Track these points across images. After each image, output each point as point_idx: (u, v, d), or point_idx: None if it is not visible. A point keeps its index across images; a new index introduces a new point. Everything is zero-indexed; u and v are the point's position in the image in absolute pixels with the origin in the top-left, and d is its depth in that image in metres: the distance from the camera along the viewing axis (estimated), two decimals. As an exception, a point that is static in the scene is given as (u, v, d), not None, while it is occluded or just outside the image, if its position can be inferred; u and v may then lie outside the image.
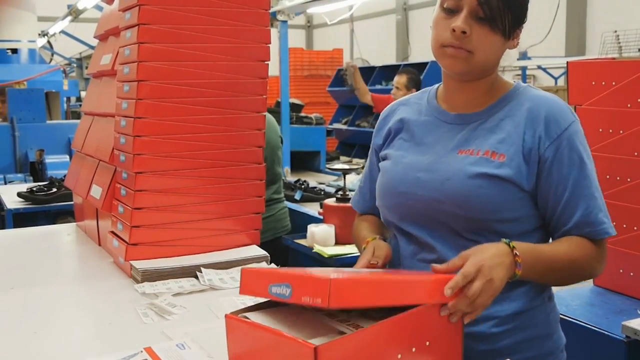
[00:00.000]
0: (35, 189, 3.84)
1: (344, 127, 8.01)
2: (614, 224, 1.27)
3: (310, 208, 3.99)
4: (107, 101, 2.06)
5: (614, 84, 2.11)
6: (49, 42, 9.65)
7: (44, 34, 9.20)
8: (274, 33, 5.43)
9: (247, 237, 1.98)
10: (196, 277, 1.77)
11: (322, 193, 4.43)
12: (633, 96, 2.05)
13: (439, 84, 1.40)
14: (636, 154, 2.05)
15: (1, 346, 1.36)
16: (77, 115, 7.88)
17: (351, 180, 4.02)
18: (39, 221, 3.78)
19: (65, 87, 8.40)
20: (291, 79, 6.67)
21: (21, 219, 3.66)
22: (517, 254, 1.14)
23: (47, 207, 3.80)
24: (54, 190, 3.84)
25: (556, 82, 10.44)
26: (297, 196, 4.29)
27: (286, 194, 3.54)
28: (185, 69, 1.85)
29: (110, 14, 2.19)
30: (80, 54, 11.85)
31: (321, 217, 3.30)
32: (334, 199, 3.17)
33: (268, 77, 2.00)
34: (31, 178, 5.28)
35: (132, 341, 1.35)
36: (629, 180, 2.07)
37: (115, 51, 2.05)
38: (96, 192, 2.06)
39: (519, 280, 1.17)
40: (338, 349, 0.93)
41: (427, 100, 1.39)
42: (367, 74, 7.82)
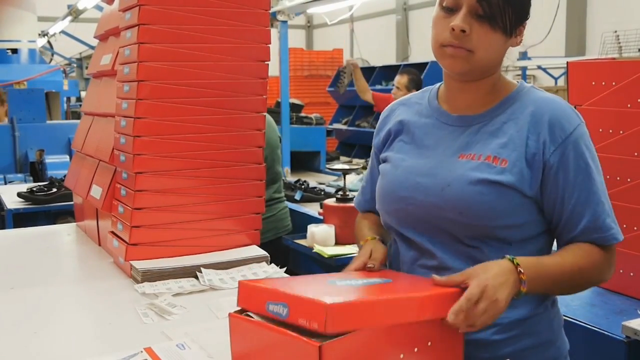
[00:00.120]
0: (35, 189, 3.84)
1: (344, 127, 8.00)
2: None
3: (310, 208, 3.99)
4: (107, 101, 2.06)
5: (614, 84, 2.11)
6: (49, 42, 9.65)
7: (44, 34, 9.20)
8: (274, 33, 5.42)
9: (247, 237, 1.98)
10: (196, 277, 1.77)
11: (322, 193, 4.43)
12: (633, 96, 2.05)
13: (440, 83, 1.37)
14: (636, 154, 2.04)
15: (1, 346, 1.36)
16: (77, 116, 7.89)
17: (351, 180, 4.02)
18: (39, 221, 3.78)
19: (66, 87, 8.41)
20: (291, 79, 6.66)
21: (21, 219, 3.66)
22: (522, 272, 1.11)
23: (47, 207, 3.80)
24: (54, 190, 3.84)
25: (556, 82, 10.44)
26: (297, 196, 4.29)
27: (286, 194, 3.54)
28: (185, 69, 1.85)
29: (111, 14, 2.19)
30: (81, 54, 11.85)
31: (321, 217, 3.30)
32: (334, 199, 3.17)
33: (268, 77, 2.00)
34: (31, 178, 5.28)
35: (132, 341, 1.35)
36: (629, 180, 2.07)
37: (115, 51, 2.05)
38: (96, 192, 2.06)
39: None
40: (342, 348, 0.93)
41: (428, 101, 1.36)
42: (367, 74, 7.80)
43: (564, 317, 1.35)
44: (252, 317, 1.06)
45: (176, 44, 1.84)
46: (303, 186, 4.51)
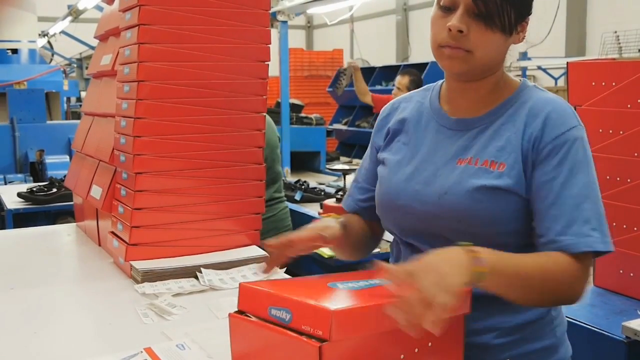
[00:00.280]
0: (35, 189, 3.84)
1: (344, 127, 8.00)
2: (614, 225, 1.25)
3: (311, 208, 3.99)
4: (107, 101, 2.06)
5: (614, 84, 2.10)
6: (49, 42, 9.65)
7: (44, 34, 9.20)
8: (274, 33, 5.41)
9: (247, 237, 1.98)
10: (196, 278, 1.77)
11: (322, 193, 4.43)
12: (633, 97, 2.05)
13: (442, 80, 1.34)
14: (636, 154, 2.04)
15: (1, 346, 1.36)
16: (77, 116, 7.90)
17: (351, 180, 4.01)
18: (39, 221, 3.79)
19: (66, 88, 8.41)
20: (291, 79, 6.66)
21: (21, 219, 3.66)
22: (475, 250, 1.02)
23: (47, 207, 3.80)
24: (54, 190, 3.84)
25: (556, 83, 10.43)
26: (297, 197, 4.29)
27: (286, 195, 3.54)
28: (185, 69, 1.85)
29: (111, 14, 2.19)
30: (81, 54, 11.85)
31: (321, 217, 3.30)
32: (334, 199, 3.18)
33: (268, 78, 2.00)
34: (31, 178, 5.28)
35: (132, 341, 1.35)
36: (629, 180, 2.07)
37: (115, 51, 2.05)
38: (96, 192, 2.06)
39: None
40: (342, 348, 0.94)
41: (430, 101, 1.33)
42: (367, 74, 7.81)
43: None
44: (252, 318, 1.06)
45: (176, 44, 1.84)
46: (303, 186, 4.51)
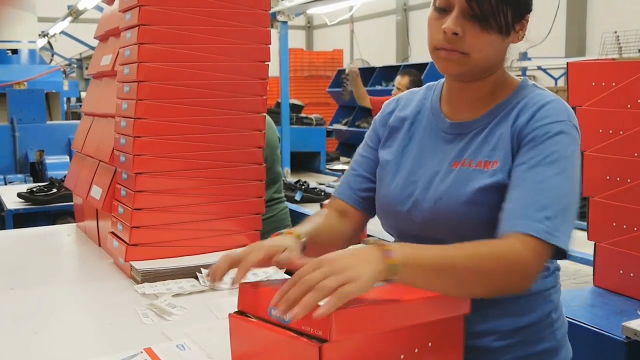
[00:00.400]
0: (35, 189, 3.84)
1: (344, 127, 8.01)
2: (614, 225, 1.24)
3: (311, 209, 4.00)
4: (107, 102, 2.06)
5: (614, 84, 2.11)
6: (49, 42, 9.66)
7: (44, 34, 9.22)
8: (274, 34, 5.42)
9: (247, 237, 1.98)
10: (196, 278, 1.77)
11: (322, 194, 4.44)
12: (633, 97, 2.05)
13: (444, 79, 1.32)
14: (636, 154, 2.04)
15: (1, 346, 1.36)
16: (77, 116, 7.90)
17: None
18: (39, 222, 3.79)
19: (66, 88, 8.41)
20: (291, 79, 6.67)
21: (21, 220, 3.66)
22: (385, 245, 0.97)
23: (47, 207, 3.80)
24: (54, 190, 3.84)
25: (556, 83, 10.44)
26: (298, 197, 4.29)
27: (286, 195, 3.54)
28: (185, 69, 1.85)
29: (111, 14, 2.19)
30: (81, 54, 11.86)
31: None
32: (334, 199, 3.17)
33: (268, 78, 2.00)
34: (31, 179, 5.29)
35: (132, 342, 1.35)
36: (629, 181, 2.07)
37: (115, 52, 2.05)
38: (96, 192, 2.06)
39: (521, 294, 1.12)
40: (342, 349, 0.94)
41: (431, 102, 1.31)
42: (367, 74, 7.82)
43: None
44: (252, 318, 1.06)
45: (176, 44, 1.84)
46: (303, 187, 4.52)
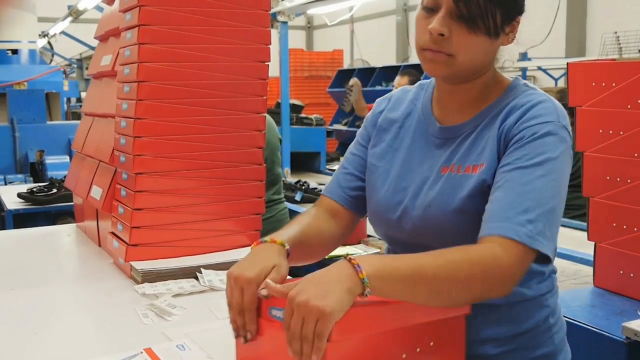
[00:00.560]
0: (35, 189, 3.84)
1: (344, 128, 8.00)
2: (614, 225, 1.23)
3: (311, 209, 3.99)
4: (108, 102, 2.06)
5: (614, 85, 2.10)
6: (49, 42, 9.65)
7: (44, 34, 9.21)
8: (274, 34, 5.41)
9: (247, 238, 1.98)
10: (196, 278, 1.77)
11: (322, 194, 4.42)
12: (633, 97, 2.05)
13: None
14: (636, 155, 2.04)
15: (1, 346, 1.36)
16: (77, 116, 7.89)
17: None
18: (39, 222, 3.79)
19: (66, 88, 8.40)
20: (291, 79, 6.66)
21: (21, 220, 3.66)
22: (354, 259, 0.94)
23: (47, 207, 3.80)
24: (54, 191, 3.84)
25: (556, 83, 10.44)
26: (298, 197, 4.29)
27: (286, 195, 3.54)
28: (185, 69, 1.85)
29: (111, 14, 2.19)
30: (81, 54, 11.85)
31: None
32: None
33: (268, 78, 2.00)
34: (31, 179, 5.28)
35: (132, 342, 1.35)
36: (629, 181, 2.07)
37: (115, 52, 2.05)
38: (96, 192, 2.06)
39: (515, 300, 1.13)
40: (344, 348, 0.94)
41: (422, 103, 1.28)
42: (367, 75, 7.81)
43: (564, 319, 1.34)
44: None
45: (176, 44, 1.84)
46: (303, 187, 4.51)
